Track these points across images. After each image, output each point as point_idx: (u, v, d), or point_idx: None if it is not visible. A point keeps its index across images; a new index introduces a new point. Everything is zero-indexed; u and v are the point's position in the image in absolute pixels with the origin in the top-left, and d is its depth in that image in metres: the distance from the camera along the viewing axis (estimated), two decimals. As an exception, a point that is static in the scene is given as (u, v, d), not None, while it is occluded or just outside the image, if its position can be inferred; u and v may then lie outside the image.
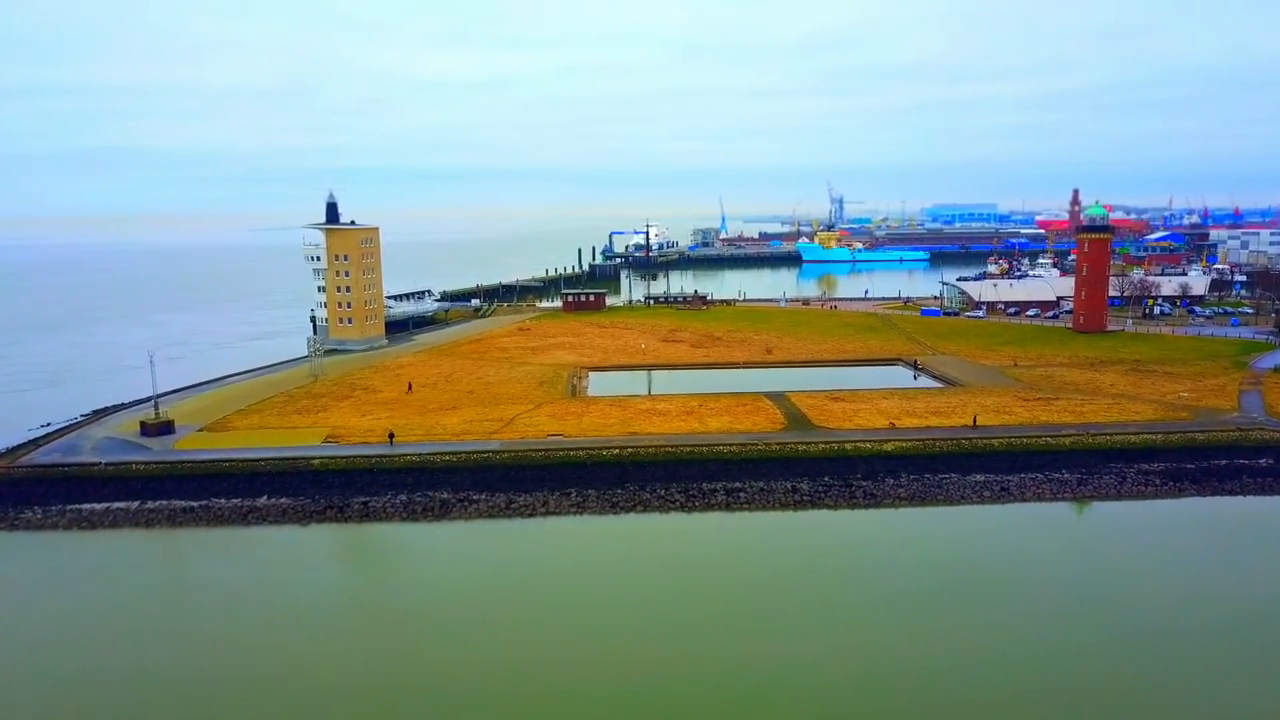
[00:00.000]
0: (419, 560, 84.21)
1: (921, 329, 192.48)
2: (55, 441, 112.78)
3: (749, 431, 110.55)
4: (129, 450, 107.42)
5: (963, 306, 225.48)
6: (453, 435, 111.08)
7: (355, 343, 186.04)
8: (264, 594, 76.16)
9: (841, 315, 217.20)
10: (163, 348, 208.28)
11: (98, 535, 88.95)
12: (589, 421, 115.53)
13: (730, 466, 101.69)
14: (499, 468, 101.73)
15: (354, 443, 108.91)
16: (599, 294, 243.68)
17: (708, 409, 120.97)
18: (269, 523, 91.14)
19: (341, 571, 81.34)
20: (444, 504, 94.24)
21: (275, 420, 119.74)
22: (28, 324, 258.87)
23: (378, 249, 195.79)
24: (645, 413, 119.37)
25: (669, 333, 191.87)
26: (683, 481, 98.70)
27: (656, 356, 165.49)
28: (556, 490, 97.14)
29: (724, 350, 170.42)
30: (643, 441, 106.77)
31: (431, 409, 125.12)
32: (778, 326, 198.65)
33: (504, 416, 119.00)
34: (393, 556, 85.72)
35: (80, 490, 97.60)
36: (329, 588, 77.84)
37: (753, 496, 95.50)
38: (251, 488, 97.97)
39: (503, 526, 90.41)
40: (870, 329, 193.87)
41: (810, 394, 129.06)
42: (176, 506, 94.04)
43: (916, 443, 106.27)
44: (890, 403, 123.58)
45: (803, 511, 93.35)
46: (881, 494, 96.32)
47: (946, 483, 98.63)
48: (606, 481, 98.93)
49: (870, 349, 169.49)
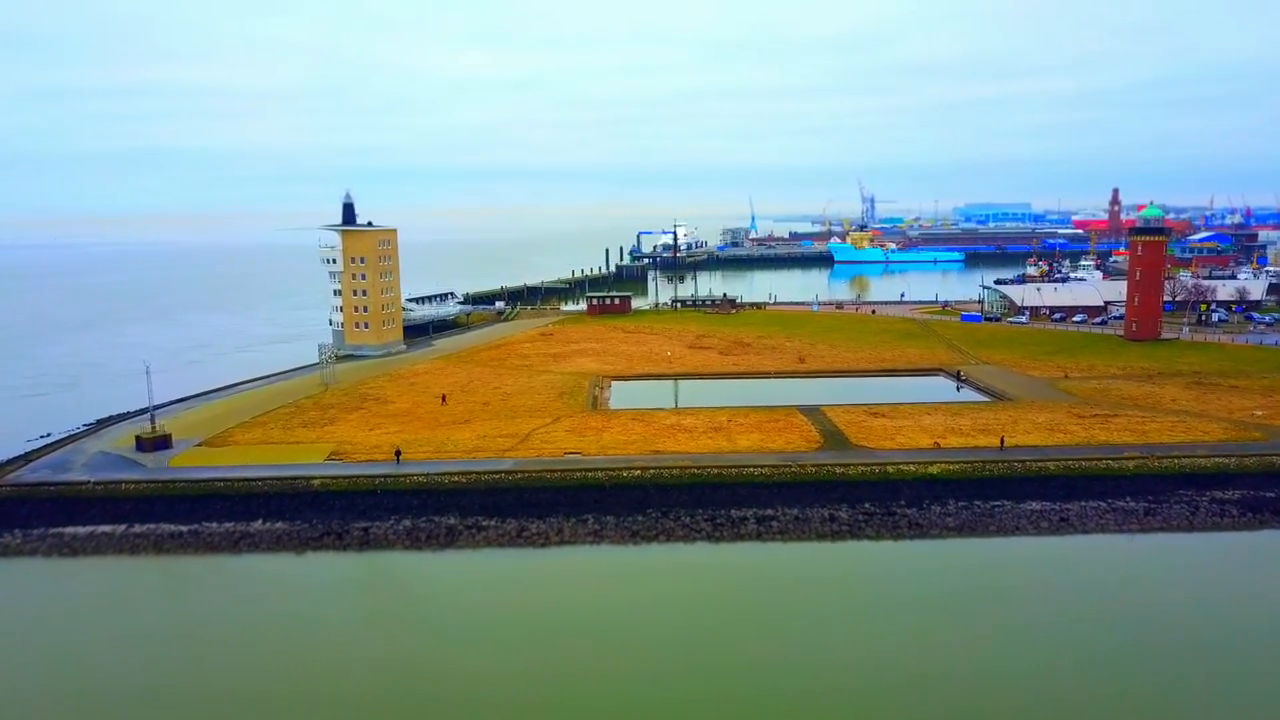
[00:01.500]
0: (420, 597, 76.87)
1: (962, 336, 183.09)
2: (47, 456, 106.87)
3: (781, 451, 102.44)
4: (121, 467, 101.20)
5: (1004, 311, 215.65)
6: (464, 452, 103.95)
7: (372, 348, 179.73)
8: (247, 634, 69.32)
9: (878, 321, 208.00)
10: (187, 350, 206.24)
11: (78, 563, 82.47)
12: (609, 438, 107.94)
13: (761, 491, 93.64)
14: (511, 490, 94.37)
15: (359, 460, 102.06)
16: (624, 297, 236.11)
17: (737, 424, 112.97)
18: (262, 550, 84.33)
19: (335, 610, 74.12)
20: (450, 531, 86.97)
21: (279, 434, 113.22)
22: (61, 323, 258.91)
23: (396, 251, 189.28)
24: (670, 428, 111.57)
25: (696, 338, 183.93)
26: (710, 507, 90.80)
27: (683, 365, 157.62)
28: (573, 516, 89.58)
29: (754, 358, 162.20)
30: (667, 461, 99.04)
31: (444, 422, 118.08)
32: (810, 332, 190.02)
33: (520, 432, 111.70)
34: (392, 592, 78.40)
35: (66, 512, 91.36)
36: (319, 628, 70.62)
37: (786, 525, 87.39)
38: (246, 510, 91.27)
39: (513, 557, 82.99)
40: (908, 335, 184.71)
41: (847, 408, 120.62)
42: (165, 531, 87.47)
43: (964, 465, 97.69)
44: (934, 419, 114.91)
45: (841, 542, 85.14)
46: (928, 523, 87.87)
47: (999, 511, 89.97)
48: (627, 506, 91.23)
49: (909, 358, 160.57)
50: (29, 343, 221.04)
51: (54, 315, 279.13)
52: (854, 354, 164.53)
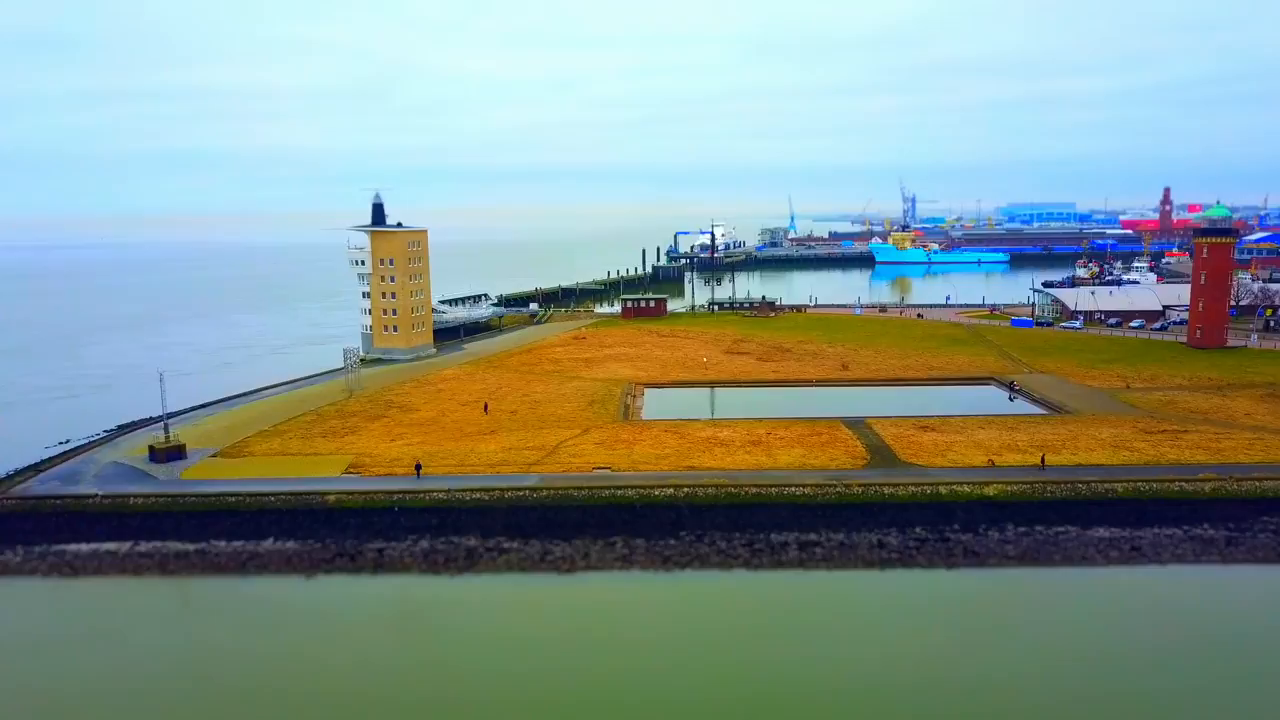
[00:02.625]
0: (435, 627, 71.25)
1: (1013, 342, 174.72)
2: (59, 466, 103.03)
3: (825, 468, 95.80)
4: (132, 479, 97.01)
5: (1056, 316, 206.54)
6: (488, 466, 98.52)
7: (401, 352, 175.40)
8: (248, 667, 64.20)
9: (923, 325, 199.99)
10: (224, 350, 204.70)
11: (77, 585, 78.07)
12: (641, 451, 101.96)
13: (803, 512, 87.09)
14: (536, 508, 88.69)
15: (377, 474, 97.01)
16: (659, 300, 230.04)
17: (777, 438, 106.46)
18: (270, 572, 79.44)
19: (344, 641, 68.80)
20: (470, 553, 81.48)
21: (297, 444, 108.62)
22: (105, 323, 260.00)
23: (426, 252, 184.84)
24: (705, 441, 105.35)
25: (734, 343, 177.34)
26: (748, 531, 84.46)
27: (719, 371, 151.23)
28: (600, 538, 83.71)
29: (794, 365, 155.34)
30: (702, 478, 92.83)
31: (469, 432, 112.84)
32: (853, 337, 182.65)
33: (547, 444, 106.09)
34: (405, 621, 72.88)
35: (71, 528, 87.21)
36: (326, 660, 65.31)
37: (831, 552, 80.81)
38: (257, 528, 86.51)
39: (535, 583, 77.25)
40: (956, 341, 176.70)
41: (894, 420, 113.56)
42: (171, 550, 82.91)
43: (1023, 485, 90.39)
44: (988, 433, 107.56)
45: (890, 572, 78.42)
46: (984, 551, 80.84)
47: (1063, 538, 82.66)
48: (658, 529, 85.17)
49: (959, 365, 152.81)
50: (71, 342, 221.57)
51: (99, 314, 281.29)
52: (899, 361, 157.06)
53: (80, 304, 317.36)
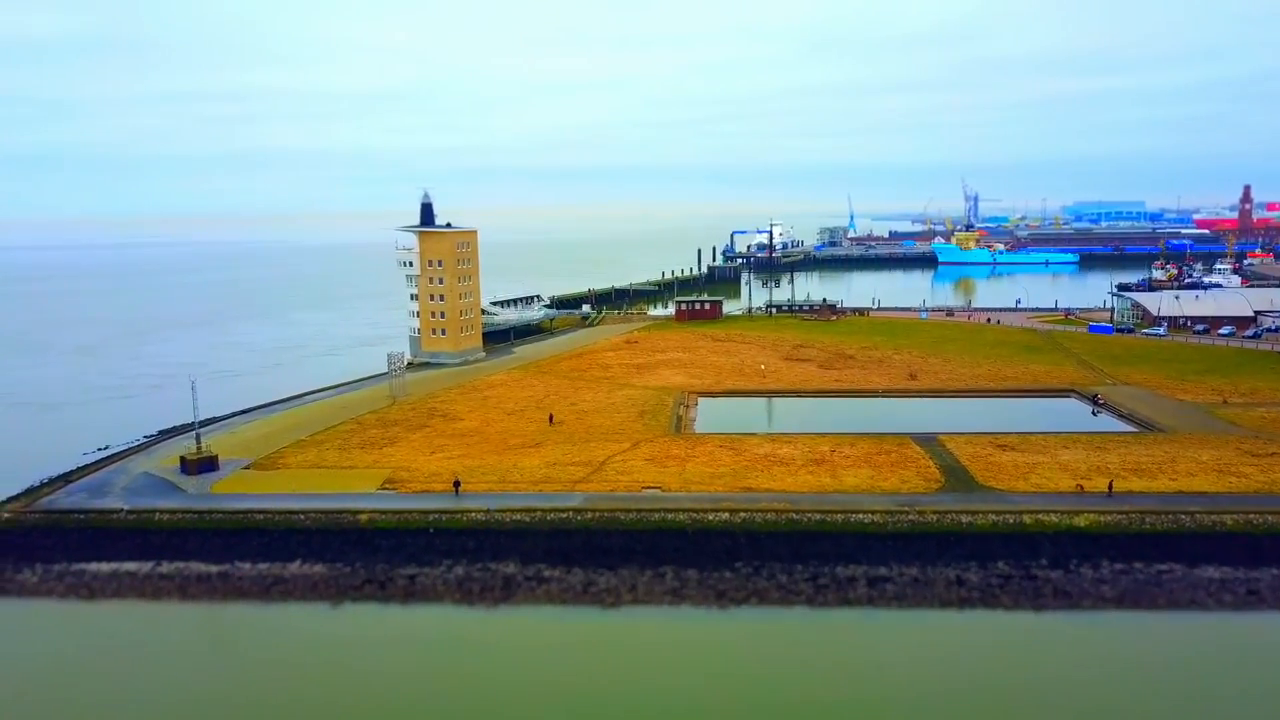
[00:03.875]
0: (465, 668, 64.84)
1: (1093, 350, 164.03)
2: (89, 477, 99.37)
3: (896, 492, 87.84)
4: (160, 493, 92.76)
5: (1137, 322, 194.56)
6: (530, 483, 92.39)
7: (449, 356, 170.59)
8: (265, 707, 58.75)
9: (994, 331, 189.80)
10: (279, 351, 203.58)
11: (93, 610, 73.50)
12: (694, 469, 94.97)
13: (873, 543, 79.28)
14: (580, 532, 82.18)
15: (414, 490, 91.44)
16: (715, 302, 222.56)
17: (842, 456, 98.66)
18: (294, 599, 74.07)
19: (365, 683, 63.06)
20: (507, 582, 75.26)
21: (333, 456, 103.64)
22: (170, 321, 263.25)
23: (476, 253, 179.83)
24: (763, 459, 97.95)
25: (793, 349, 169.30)
26: (811, 562, 76.95)
27: (778, 379, 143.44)
28: (648, 568, 76.88)
29: (858, 373, 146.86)
30: (759, 501, 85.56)
31: (512, 445, 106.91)
32: (920, 343, 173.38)
33: (594, 459, 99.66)
34: (432, 661, 66.60)
35: (93, 545, 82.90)
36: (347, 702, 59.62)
37: (903, 589, 73.01)
38: (285, 548, 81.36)
39: (576, 618, 70.80)
40: (1030, 349, 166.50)
41: (969, 437, 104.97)
42: (193, 572, 78.05)
43: (1118, 515, 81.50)
44: (1074, 454, 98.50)
45: (971, 613, 70.40)
46: (1077, 591, 72.38)
47: (1167, 578, 73.78)
48: (712, 558, 78.06)
49: (1035, 375, 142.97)
50: (135, 340, 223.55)
51: (165, 312, 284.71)
52: (971, 370, 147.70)
53: (148, 301, 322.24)
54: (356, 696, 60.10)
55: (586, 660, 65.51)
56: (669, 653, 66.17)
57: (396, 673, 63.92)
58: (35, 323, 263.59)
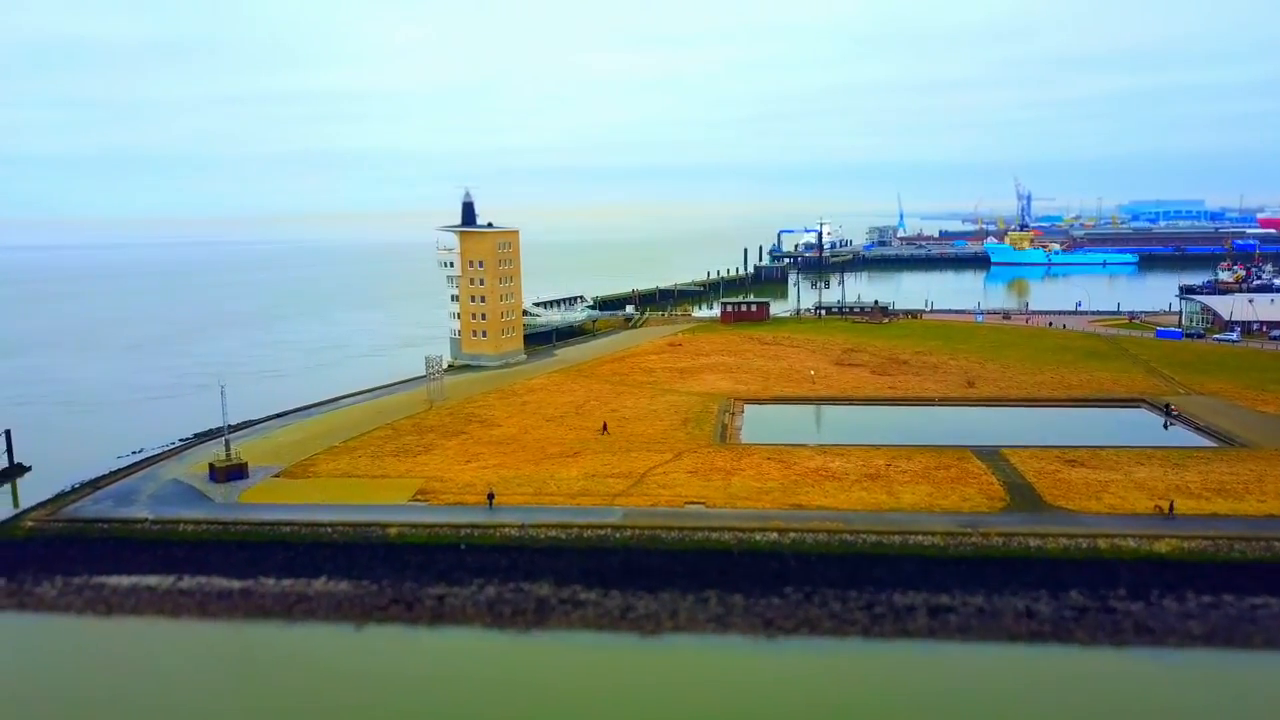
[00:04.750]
0: (495, 700, 60.26)
1: (1161, 356, 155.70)
2: (118, 483, 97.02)
3: (957, 511, 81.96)
4: (187, 501, 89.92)
5: (1208, 327, 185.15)
6: (567, 496, 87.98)
7: (489, 359, 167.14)
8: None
9: (1055, 335, 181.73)
10: (323, 350, 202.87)
11: (109, 627, 70.35)
12: (740, 484, 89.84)
13: (934, 568, 73.59)
14: (618, 551, 77.57)
15: (447, 502, 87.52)
16: (761, 304, 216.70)
17: (898, 471, 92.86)
18: (317, 619, 70.25)
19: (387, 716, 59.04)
20: (540, 605, 70.79)
21: (365, 464, 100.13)
22: (223, 319, 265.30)
23: (517, 254, 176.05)
24: (814, 473, 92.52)
25: (844, 353, 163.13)
26: (866, 589, 71.45)
27: (828, 385, 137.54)
28: (690, 592, 71.94)
29: (913, 379, 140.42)
30: (810, 519, 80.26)
31: (551, 453, 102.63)
32: (977, 348, 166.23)
33: (634, 470, 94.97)
34: (459, 691, 62.24)
35: (115, 557, 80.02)
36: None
37: (967, 620, 67.25)
38: (311, 563, 77.77)
39: (613, 646, 66.10)
40: (1094, 355, 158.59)
41: (1034, 451, 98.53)
42: (215, 588, 74.64)
43: (1203, 540, 74.96)
44: (1149, 471, 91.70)
45: (1042, 648, 64.46)
46: (1161, 626, 66.08)
47: (1263, 614, 67.13)
48: (759, 582, 72.90)
49: (1101, 383, 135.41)
50: (187, 340, 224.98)
51: (218, 311, 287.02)
52: (1032, 377, 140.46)
53: (202, 300, 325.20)
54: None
55: (623, 693, 60.93)
56: (712, 687, 61.24)
57: (420, 704, 59.84)
58: (91, 321, 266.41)
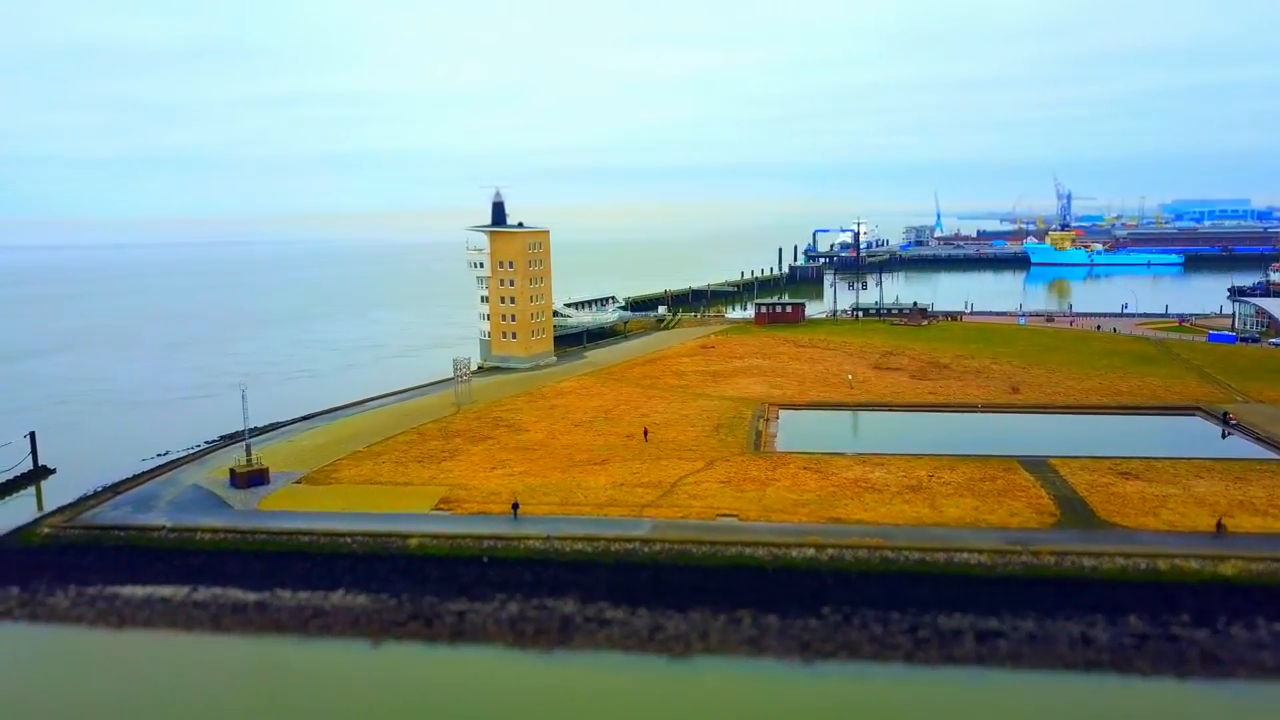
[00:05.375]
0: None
1: (1215, 362, 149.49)
2: (138, 488, 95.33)
3: (1004, 526, 77.67)
4: (206, 508, 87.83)
5: (1263, 330, 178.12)
6: (594, 506, 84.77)
7: (519, 361, 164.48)
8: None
9: (1101, 339, 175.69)
10: (356, 350, 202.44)
11: (120, 641, 68.10)
12: (775, 495, 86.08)
13: (981, 589, 69.42)
14: (646, 566, 74.23)
15: (470, 511, 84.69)
16: (797, 305, 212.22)
17: (941, 482, 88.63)
18: (333, 635, 67.54)
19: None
20: (565, 623, 67.58)
21: (389, 471, 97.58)
22: (260, 318, 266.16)
23: (548, 254, 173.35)
24: (852, 484, 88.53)
25: (882, 356, 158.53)
26: (909, 610, 67.41)
27: (867, 390, 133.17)
28: (722, 611, 68.34)
29: (954, 385, 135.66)
30: (849, 534, 76.38)
31: (579, 461, 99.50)
32: (1020, 351, 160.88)
33: (664, 479, 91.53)
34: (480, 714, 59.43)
35: (130, 565, 77.97)
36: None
37: (1018, 646, 63.05)
38: (328, 575, 75.15)
39: (640, 669, 62.66)
40: (1144, 359, 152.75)
41: (1085, 462, 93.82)
42: (230, 600, 72.22)
43: (1273, 562, 70.09)
44: (1209, 484, 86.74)
45: (1100, 677, 60.15)
46: (1229, 656, 61.44)
47: (1341, 643, 62.38)
48: (796, 601, 69.14)
49: (1152, 390, 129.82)
50: (224, 338, 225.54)
51: (255, 309, 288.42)
52: (1079, 382, 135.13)
53: (240, 298, 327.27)
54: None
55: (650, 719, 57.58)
56: (744, 714, 57.70)
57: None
58: (131, 319, 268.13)
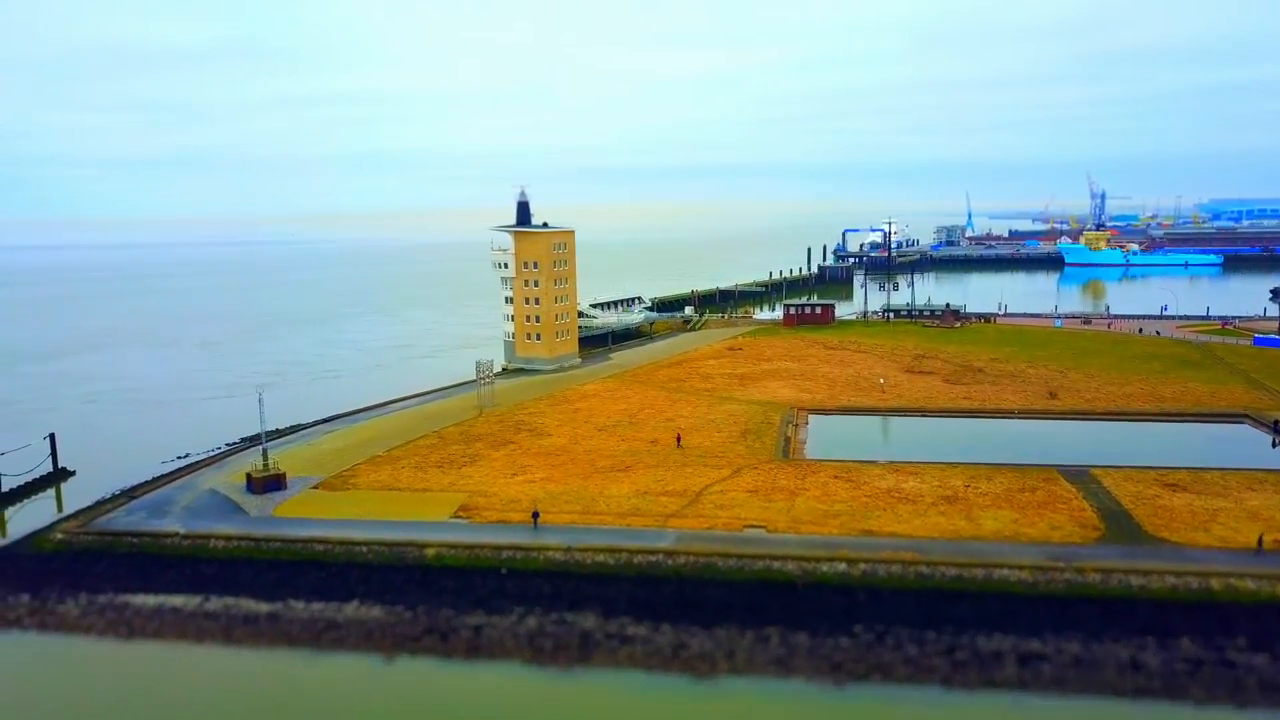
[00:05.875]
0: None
1: (1262, 366, 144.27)
2: (154, 492, 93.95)
3: (1046, 541, 74.12)
4: (222, 514, 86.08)
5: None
6: (616, 516, 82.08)
7: (543, 362, 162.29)
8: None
9: (1141, 342, 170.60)
10: (385, 350, 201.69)
11: (129, 650, 66.28)
12: (804, 506, 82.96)
13: (1022, 608, 65.96)
14: (670, 580, 71.45)
15: (490, 520, 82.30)
16: (826, 306, 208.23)
17: (978, 493, 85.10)
18: (346, 649, 65.31)
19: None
20: (585, 640, 64.92)
21: (408, 476, 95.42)
22: (289, 318, 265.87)
23: (573, 255, 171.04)
24: (885, 495, 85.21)
25: (914, 359, 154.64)
26: (946, 630, 64.14)
27: (899, 394, 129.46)
28: (750, 628, 65.39)
29: (989, 389, 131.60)
30: (882, 549, 73.13)
31: (601, 467, 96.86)
32: (1057, 355, 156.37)
33: (689, 488, 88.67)
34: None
35: (142, 573, 76.30)
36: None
37: (1063, 671, 59.61)
38: (343, 585, 73.01)
39: (663, 690, 59.86)
40: (1186, 363, 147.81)
41: (1129, 473, 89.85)
42: (241, 611, 70.23)
43: (1333, 583, 66.15)
44: (1262, 497, 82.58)
45: (1152, 705, 56.66)
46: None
47: None
48: (827, 619, 66.06)
49: (1196, 396, 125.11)
50: (255, 337, 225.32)
51: (286, 309, 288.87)
52: (1119, 388, 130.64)
53: (271, 298, 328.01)
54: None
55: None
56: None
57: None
58: (163, 318, 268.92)
